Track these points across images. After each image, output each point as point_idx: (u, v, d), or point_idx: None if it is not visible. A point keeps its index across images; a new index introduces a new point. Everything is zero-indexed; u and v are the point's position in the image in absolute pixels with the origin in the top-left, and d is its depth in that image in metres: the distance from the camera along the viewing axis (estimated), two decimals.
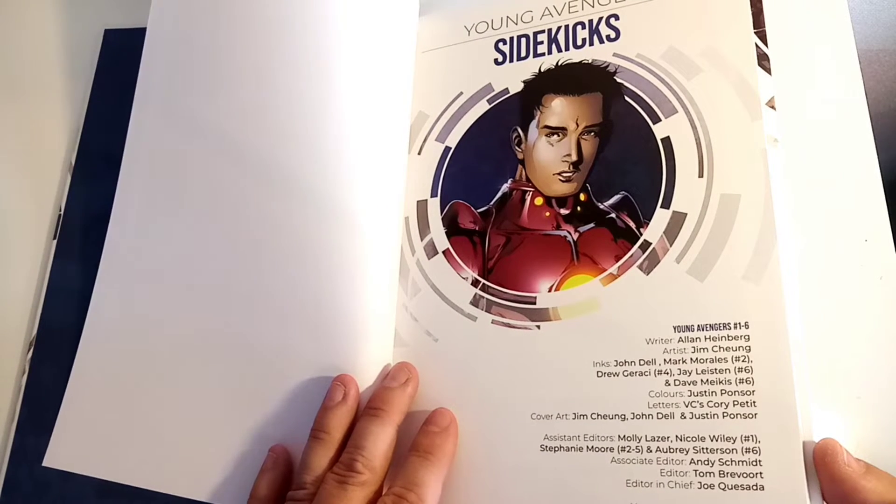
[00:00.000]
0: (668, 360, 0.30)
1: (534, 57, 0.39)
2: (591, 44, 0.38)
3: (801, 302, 0.30)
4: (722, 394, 0.29)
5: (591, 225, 0.34)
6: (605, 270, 0.33)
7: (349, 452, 0.31)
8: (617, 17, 0.37)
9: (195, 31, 0.41)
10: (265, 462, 0.33)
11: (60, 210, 0.44)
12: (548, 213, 0.36)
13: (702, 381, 0.30)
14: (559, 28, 0.39)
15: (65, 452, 0.36)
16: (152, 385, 0.36)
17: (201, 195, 0.38)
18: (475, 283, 0.35)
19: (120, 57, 0.44)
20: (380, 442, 0.31)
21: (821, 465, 0.27)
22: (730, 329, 0.30)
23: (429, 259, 0.37)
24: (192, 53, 0.40)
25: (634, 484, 0.29)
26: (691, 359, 0.30)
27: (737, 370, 0.29)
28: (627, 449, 0.30)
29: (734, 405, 0.29)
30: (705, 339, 0.30)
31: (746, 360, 0.29)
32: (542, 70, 0.38)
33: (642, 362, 0.31)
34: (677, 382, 0.30)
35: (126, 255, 0.38)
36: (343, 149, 0.37)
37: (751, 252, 0.31)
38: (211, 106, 0.39)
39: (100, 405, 0.36)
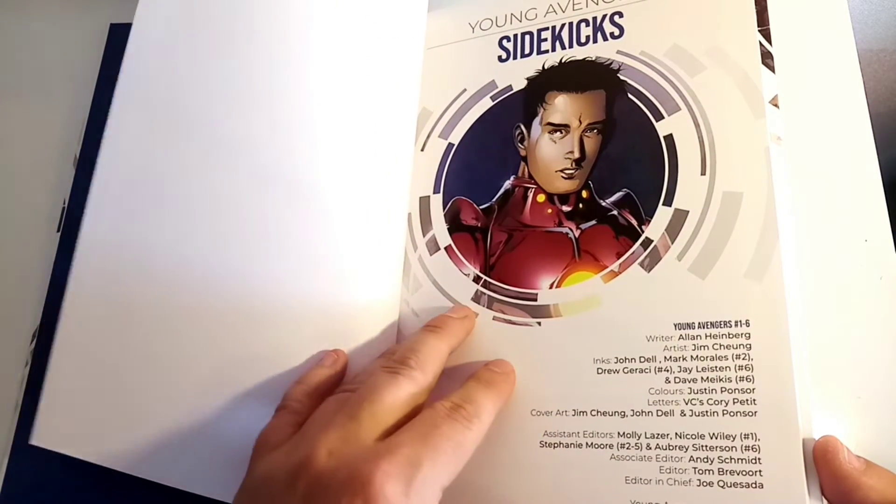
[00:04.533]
0: (668, 357, 0.30)
1: (537, 54, 0.39)
2: (595, 41, 0.38)
3: (801, 301, 0.30)
4: (722, 391, 0.29)
5: (593, 222, 0.34)
6: (607, 267, 0.33)
7: (402, 352, 0.30)
8: (621, 15, 0.37)
9: (195, 25, 0.41)
10: (324, 358, 0.33)
11: (64, 203, 0.44)
12: (550, 210, 0.36)
13: (702, 378, 0.30)
14: (563, 25, 0.39)
15: (51, 433, 0.35)
16: (140, 378, 0.35)
17: (198, 194, 0.37)
18: (477, 279, 0.36)
19: (125, 51, 0.44)
20: (435, 351, 0.31)
21: (821, 462, 0.27)
22: (731, 327, 0.30)
23: (431, 255, 0.37)
24: (191, 48, 0.40)
25: (633, 480, 0.29)
26: (692, 356, 0.30)
27: (737, 368, 0.29)
28: (627, 446, 0.30)
29: (734, 403, 0.29)
30: (706, 336, 0.30)
31: (747, 357, 0.29)
32: (546, 67, 0.38)
33: (643, 359, 0.31)
34: (677, 380, 0.30)
35: (106, 242, 0.37)
36: (349, 145, 0.37)
37: (752, 250, 0.31)
38: (209, 103, 0.39)
39: (84, 387, 0.35)
